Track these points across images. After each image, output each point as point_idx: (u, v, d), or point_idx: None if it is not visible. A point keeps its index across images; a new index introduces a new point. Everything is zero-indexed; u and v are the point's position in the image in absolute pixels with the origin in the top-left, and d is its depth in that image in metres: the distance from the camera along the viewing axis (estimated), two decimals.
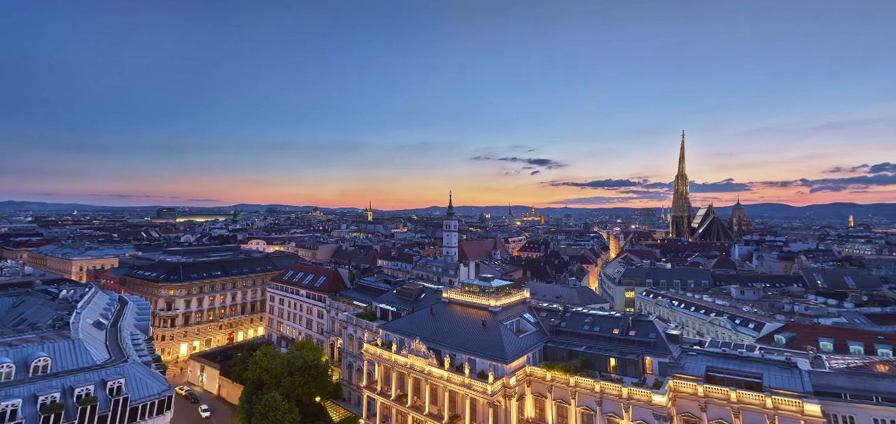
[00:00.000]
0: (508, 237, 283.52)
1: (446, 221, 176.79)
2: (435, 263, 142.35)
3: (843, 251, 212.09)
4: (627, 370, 49.44)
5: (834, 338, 63.76)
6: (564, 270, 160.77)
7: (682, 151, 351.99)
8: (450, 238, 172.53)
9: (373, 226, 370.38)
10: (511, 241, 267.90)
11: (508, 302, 62.06)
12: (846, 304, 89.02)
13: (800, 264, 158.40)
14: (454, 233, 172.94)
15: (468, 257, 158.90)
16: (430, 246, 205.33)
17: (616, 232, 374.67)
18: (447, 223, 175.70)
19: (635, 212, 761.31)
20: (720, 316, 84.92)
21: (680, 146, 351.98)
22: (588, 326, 58.46)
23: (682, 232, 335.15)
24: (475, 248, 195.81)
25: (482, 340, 54.49)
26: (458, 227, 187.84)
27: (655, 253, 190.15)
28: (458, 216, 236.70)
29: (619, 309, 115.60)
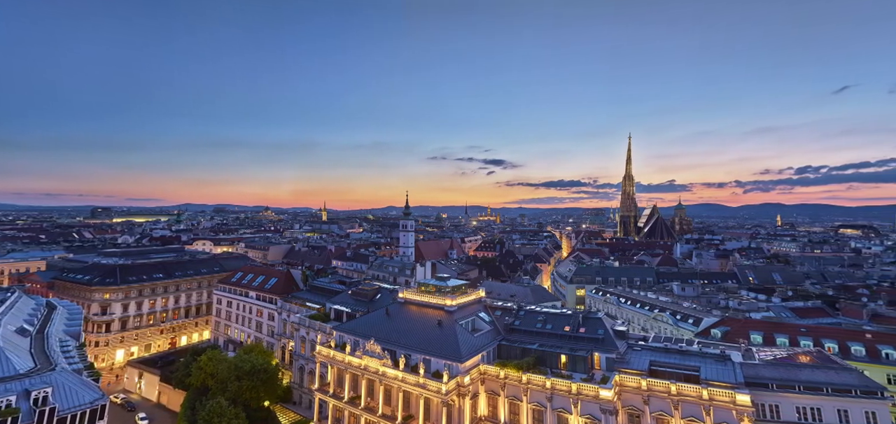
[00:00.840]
0: (465, 237, 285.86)
1: (403, 221, 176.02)
2: (391, 263, 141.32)
3: (772, 249, 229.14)
4: (577, 366, 51.08)
5: (763, 332, 68.33)
6: (519, 269, 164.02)
7: (629, 153, 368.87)
8: (406, 238, 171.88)
9: (327, 227, 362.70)
10: (467, 241, 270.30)
11: (464, 301, 62.55)
12: (774, 299, 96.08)
13: (734, 261, 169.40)
14: (411, 233, 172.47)
15: (425, 257, 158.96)
16: (387, 247, 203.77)
17: (568, 231, 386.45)
18: (404, 223, 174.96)
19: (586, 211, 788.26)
20: (663, 312, 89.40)
21: (627, 148, 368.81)
22: (541, 324, 59.82)
23: (629, 232, 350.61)
24: (432, 248, 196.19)
25: (437, 340, 54.66)
26: (415, 227, 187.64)
27: (604, 252, 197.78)
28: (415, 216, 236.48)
29: (571, 306, 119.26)
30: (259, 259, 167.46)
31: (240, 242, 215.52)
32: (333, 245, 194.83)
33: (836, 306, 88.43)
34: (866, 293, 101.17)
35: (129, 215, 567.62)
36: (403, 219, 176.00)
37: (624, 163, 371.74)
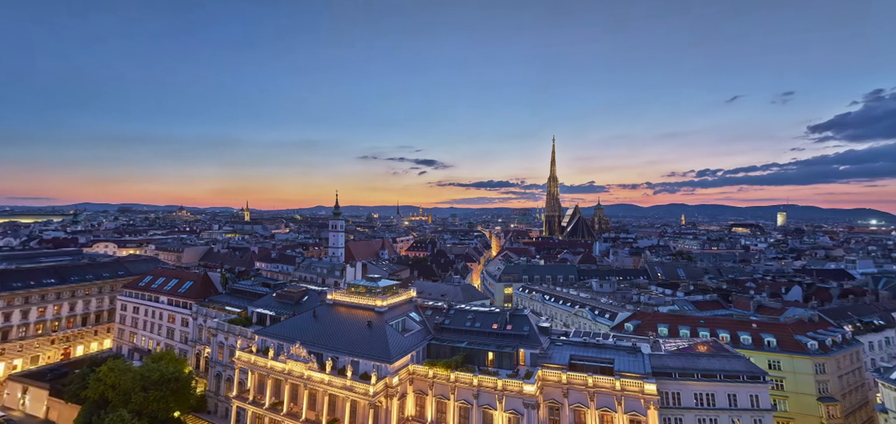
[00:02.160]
0: (396, 237, 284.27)
1: (332, 221, 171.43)
2: (320, 264, 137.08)
3: (677, 246, 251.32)
4: (503, 362, 52.72)
5: (668, 324, 74.13)
6: (450, 269, 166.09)
7: (553, 155, 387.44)
8: (336, 238, 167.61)
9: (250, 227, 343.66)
10: (399, 241, 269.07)
11: (395, 301, 62.28)
12: (678, 293, 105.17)
13: (645, 259, 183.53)
14: (340, 234, 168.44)
15: (355, 257, 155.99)
16: (315, 247, 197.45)
17: (497, 231, 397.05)
18: (333, 223, 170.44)
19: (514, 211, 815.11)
20: (583, 308, 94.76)
21: (551, 150, 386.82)
22: (470, 323, 61.04)
23: (553, 231, 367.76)
24: (362, 248, 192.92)
25: (367, 341, 53.96)
26: (345, 227, 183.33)
27: (531, 251, 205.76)
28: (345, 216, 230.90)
29: (499, 304, 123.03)
30: (172, 261, 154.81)
31: (149, 244, 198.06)
32: (257, 246, 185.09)
33: (729, 299, 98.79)
34: (753, 286, 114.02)
35: (13, 215, 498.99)
36: (333, 219, 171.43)
37: (549, 164, 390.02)
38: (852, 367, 67.05)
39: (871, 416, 64.40)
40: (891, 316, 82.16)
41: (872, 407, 60.53)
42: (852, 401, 65.02)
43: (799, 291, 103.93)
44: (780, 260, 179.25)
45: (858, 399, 66.03)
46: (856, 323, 76.48)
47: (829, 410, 60.77)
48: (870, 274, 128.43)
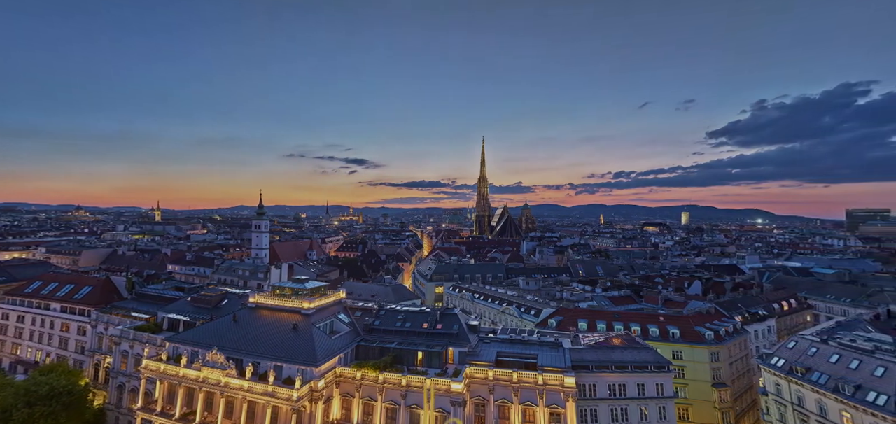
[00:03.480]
0: (325, 237, 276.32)
1: (256, 221, 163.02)
2: (241, 266, 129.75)
3: (596, 245, 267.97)
4: (433, 362, 53.14)
5: (587, 319, 77.92)
6: (381, 269, 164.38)
7: (483, 156, 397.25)
8: (260, 239, 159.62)
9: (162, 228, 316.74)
10: (328, 241, 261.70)
11: (323, 303, 60.68)
12: (597, 289, 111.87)
13: (568, 257, 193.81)
14: (265, 234, 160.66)
15: (281, 259, 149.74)
16: (237, 249, 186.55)
17: (429, 230, 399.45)
18: (257, 223, 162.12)
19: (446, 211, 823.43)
20: (510, 306, 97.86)
21: (481, 151, 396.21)
22: (400, 322, 60.94)
23: (483, 230, 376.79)
24: (289, 249, 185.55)
25: (292, 345, 52.01)
26: (270, 227, 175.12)
27: (462, 251, 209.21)
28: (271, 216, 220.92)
29: (430, 304, 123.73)
30: (67, 265, 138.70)
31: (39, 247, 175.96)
32: (170, 248, 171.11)
33: (640, 294, 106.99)
34: (661, 281, 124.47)
35: None
36: (257, 219, 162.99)
37: (479, 165, 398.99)
38: (741, 354, 75.06)
39: (754, 399, 72.43)
40: (772, 306, 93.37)
41: (756, 391, 68.29)
42: (740, 385, 72.70)
43: (699, 285, 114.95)
44: (684, 257, 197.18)
45: (745, 384, 73.95)
46: (744, 313, 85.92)
47: (721, 394, 67.73)
48: (756, 269, 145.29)
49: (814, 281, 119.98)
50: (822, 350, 56.89)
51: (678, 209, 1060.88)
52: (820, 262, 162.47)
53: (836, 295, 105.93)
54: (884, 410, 45.64)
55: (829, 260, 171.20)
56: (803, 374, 55.21)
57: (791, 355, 59.39)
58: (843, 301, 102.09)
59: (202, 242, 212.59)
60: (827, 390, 51.66)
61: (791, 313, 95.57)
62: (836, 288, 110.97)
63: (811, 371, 54.93)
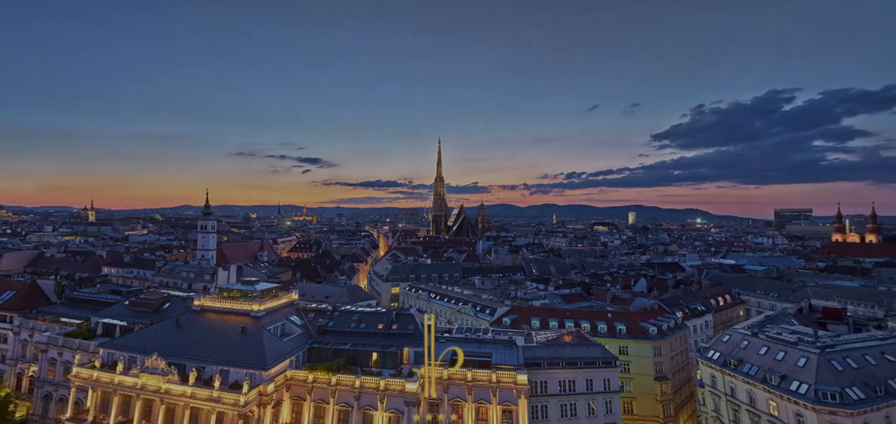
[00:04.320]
0: (277, 238, 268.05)
1: (202, 222, 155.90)
2: (186, 268, 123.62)
3: (549, 244, 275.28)
4: (387, 362, 52.78)
5: (540, 317, 79.43)
6: (336, 270, 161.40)
7: (440, 156, 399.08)
8: (206, 240, 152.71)
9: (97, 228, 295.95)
10: (280, 242, 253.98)
11: (274, 305, 58.99)
12: (549, 288, 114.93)
13: (522, 256, 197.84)
14: (212, 235, 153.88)
15: (229, 260, 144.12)
16: (181, 250, 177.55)
17: (385, 230, 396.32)
18: (203, 223, 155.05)
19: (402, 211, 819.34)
20: (466, 305, 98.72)
21: (437, 151, 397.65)
22: (355, 324, 60.20)
23: (440, 230, 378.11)
24: (238, 250, 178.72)
25: (240, 348, 50.16)
26: (218, 228, 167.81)
27: (418, 251, 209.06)
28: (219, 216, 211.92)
29: (386, 304, 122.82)
30: None
31: None
32: (105, 250, 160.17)
33: (590, 291, 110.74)
34: (610, 279, 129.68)
35: None
36: (203, 219, 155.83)
37: (436, 165, 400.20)
38: (681, 349, 79.22)
39: (693, 391, 76.65)
40: (710, 302, 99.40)
41: (694, 383, 72.33)
42: (680, 378, 76.67)
43: (644, 283, 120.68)
44: (631, 256, 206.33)
45: (684, 377, 78.12)
46: (685, 309, 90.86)
47: (662, 388, 71.27)
48: (696, 267, 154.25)
49: (746, 278, 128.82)
50: (753, 343, 60.78)
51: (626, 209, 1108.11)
52: (751, 260, 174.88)
53: (766, 290, 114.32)
54: (804, 398, 49.49)
55: (760, 258, 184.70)
56: (736, 366, 58.88)
57: (725, 348, 63.25)
58: (771, 296, 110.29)
59: (142, 243, 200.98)
60: (756, 381, 55.22)
61: (726, 308, 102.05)
62: (766, 284, 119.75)
63: (743, 363, 58.62)
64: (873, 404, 48.24)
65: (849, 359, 52.82)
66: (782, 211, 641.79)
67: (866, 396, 48.69)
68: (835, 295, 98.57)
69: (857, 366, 52.17)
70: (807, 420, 49.26)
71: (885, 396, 49.30)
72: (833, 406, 47.93)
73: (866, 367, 52.30)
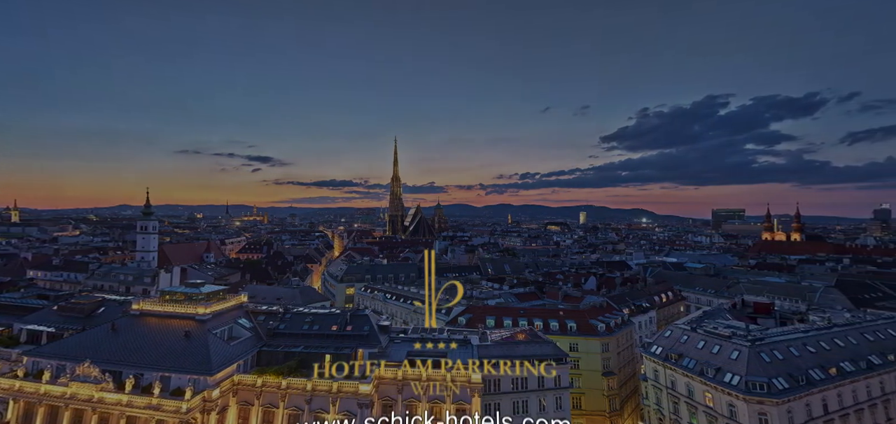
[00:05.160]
0: (225, 238, 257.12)
1: (142, 222, 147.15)
2: (123, 271, 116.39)
3: (505, 243, 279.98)
4: (341, 364, 51.94)
5: (495, 316, 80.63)
6: (288, 271, 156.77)
7: (396, 155, 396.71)
8: (146, 241, 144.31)
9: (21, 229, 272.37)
10: (229, 243, 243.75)
11: (221, 308, 56.74)
12: (504, 287, 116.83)
13: (478, 255, 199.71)
14: (153, 236, 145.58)
15: (172, 262, 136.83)
16: (117, 252, 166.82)
17: (340, 231, 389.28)
18: (143, 224, 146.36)
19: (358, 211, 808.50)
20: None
21: (394, 150, 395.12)
22: (308, 326, 58.99)
23: (397, 230, 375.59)
24: (182, 252, 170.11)
25: (183, 353, 47.84)
26: (160, 228, 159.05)
27: (374, 251, 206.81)
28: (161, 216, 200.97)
29: (340, 305, 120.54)
30: None
31: None
32: (31, 252, 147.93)
33: (543, 290, 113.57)
34: (561, 278, 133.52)
35: None
36: (143, 220, 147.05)
37: (392, 164, 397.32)
38: (627, 344, 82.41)
39: (637, 385, 79.99)
40: (653, 299, 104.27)
41: (638, 377, 75.71)
42: (626, 373, 79.77)
43: (594, 281, 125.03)
44: (582, 254, 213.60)
45: (630, 372, 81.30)
46: (631, 306, 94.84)
47: (609, 383, 74.09)
48: (641, 265, 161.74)
49: (686, 275, 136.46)
50: (692, 338, 63.99)
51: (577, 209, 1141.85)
52: (691, 258, 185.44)
53: (704, 287, 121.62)
54: (736, 389, 52.78)
55: (699, 256, 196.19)
56: (676, 360, 61.91)
57: (667, 343, 66.41)
58: (708, 292, 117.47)
59: (73, 245, 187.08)
60: (694, 374, 58.27)
61: (668, 304, 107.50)
62: (704, 280, 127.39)
63: (683, 357, 61.64)
64: (796, 393, 52.00)
65: (776, 351, 56.54)
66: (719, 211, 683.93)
67: (790, 386, 52.41)
68: (764, 291, 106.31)
69: (783, 358, 55.93)
70: (738, 409, 52.58)
71: (806, 385, 53.27)
72: (761, 395, 51.27)
73: (791, 358, 56.16)
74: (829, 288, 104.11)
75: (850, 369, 57.00)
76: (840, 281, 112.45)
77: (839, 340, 61.24)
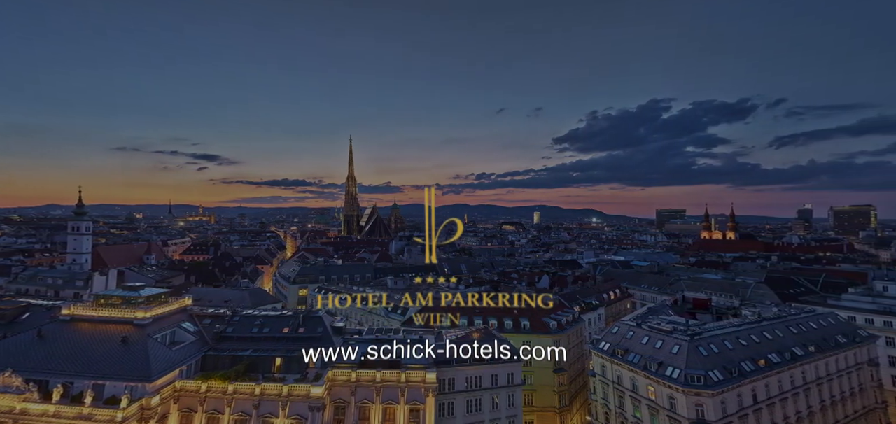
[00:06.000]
0: (169, 239, 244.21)
1: (73, 222, 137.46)
2: (52, 274, 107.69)
3: (461, 243, 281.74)
4: (292, 367, 50.48)
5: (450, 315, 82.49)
6: (237, 272, 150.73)
7: (351, 155, 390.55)
8: (79, 242, 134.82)
9: None
10: (172, 244, 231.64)
11: (162, 311, 53.72)
12: (461, 286, 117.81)
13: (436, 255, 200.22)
14: (86, 237, 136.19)
15: (108, 265, 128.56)
16: (46, 254, 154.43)
17: (293, 231, 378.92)
18: (75, 224, 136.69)
19: (312, 211, 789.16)
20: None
21: (349, 150, 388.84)
22: (257, 328, 57.02)
23: (352, 230, 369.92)
24: (119, 254, 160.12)
25: (119, 360, 45.00)
26: (95, 229, 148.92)
27: (329, 251, 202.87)
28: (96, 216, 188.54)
29: (293, 307, 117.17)
30: None
31: None
32: None
33: (498, 289, 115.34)
34: (516, 276, 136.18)
35: None
36: (75, 220, 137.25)
37: (347, 163, 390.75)
38: (577, 341, 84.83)
39: (586, 380, 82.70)
40: (602, 296, 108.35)
41: (587, 373, 78.29)
42: (576, 369, 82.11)
43: (547, 280, 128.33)
44: (535, 254, 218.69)
45: (580, 367, 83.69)
46: (581, 303, 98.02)
47: (560, 379, 76.12)
48: (591, 263, 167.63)
49: (633, 273, 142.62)
50: (637, 333, 66.54)
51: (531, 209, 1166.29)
52: (637, 256, 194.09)
53: (648, 284, 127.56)
54: (676, 382, 55.63)
55: (644, 254, 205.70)
56: (622, 355, 64.32)
57: (614, 339, 68.96)
58: (653, 289, 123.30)
59: None
60: (639, 368, 60.75)
61: (616, 301, 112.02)
62: (649, 278, 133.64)
63: (629, 352, 64.09)
64: (729, 384, 55.41)
65: (712, 345, 59.77)
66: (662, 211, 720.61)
67: (724, 378, 55.72)
68: (702, 288, 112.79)
69: (719, 351, 59.26)
70: (677, 401, 55.45)
71: (739, 377, 56.86)
72: (698, 387, 54.25)
73: (725, 351, 59.67)
74: (760, 284, 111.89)
75: (776, 360, 61.41)
76: (769, 277, 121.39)
77: (767, 333, 65.85)
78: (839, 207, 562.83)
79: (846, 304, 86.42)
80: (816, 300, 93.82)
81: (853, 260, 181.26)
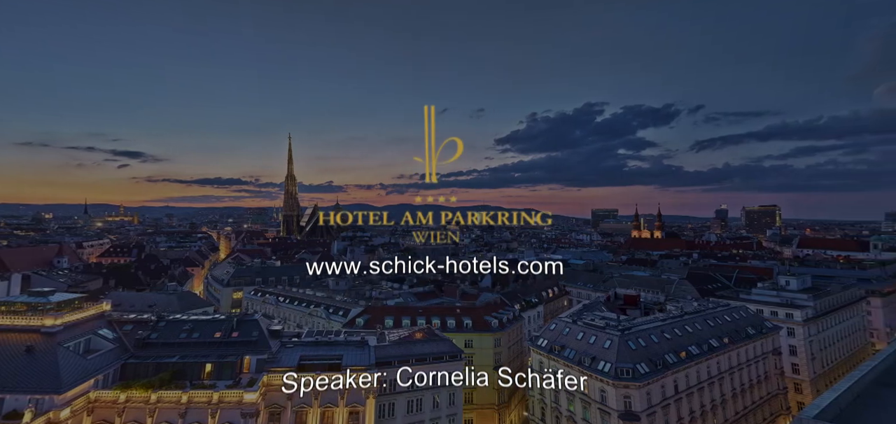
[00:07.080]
0: (84, 241, 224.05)
1: None
2: None
3: (405, 243, 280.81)
4: (224, 373, 48.12)
5: (394, 316, 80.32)
6: (164, 276, 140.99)
7: (290, 153, 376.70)
8: None
9: None
10: (88, 246, 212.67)
11: (76, 318, 49.42)
12: (404, 286, 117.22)
13: (379, 255, 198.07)
14: None
15: (10, 269, 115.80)
16: None
17: (227, 232, 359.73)
18: None
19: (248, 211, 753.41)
20: (318, 307, 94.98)
21: (288, 148, 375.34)
22: (186, 334, 53.82)
23: (292, 231, 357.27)
24: (25, 257, 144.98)
25: (22, 371, 40.75)
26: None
27: (267, 252, 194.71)
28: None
29: (226, 311, 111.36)
30: None
31: None
32: None
33: (442, 288, 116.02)
34: (459, 276, 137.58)
35: None
36: None
37: (286, 162, 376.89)
38: (517, 338, 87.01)
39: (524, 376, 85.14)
40: (541, 294, 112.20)
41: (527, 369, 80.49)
42: (515, 366, 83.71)
43: (489, 279, 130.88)
44: (479, 253, 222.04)
45: (519, 364, 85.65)
46: (522, 302, 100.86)
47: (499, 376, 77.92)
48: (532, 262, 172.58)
49: (570, 271, 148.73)
50: (573, 329, 69.36)
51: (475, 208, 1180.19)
52: (574, 255, 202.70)
53: (584, 282, 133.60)
54: (607, 375, 58.50)
55: (580, 253, 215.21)
56: (559, 351, 66.70)
57: (551, 336, 71.48)
58: (588, 287, 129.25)
59: None
60: (574, 363, 63.24)
61: (554, 299, 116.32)
62: (584, 276, 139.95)
63: (565, 348, 66.59)
64: (654, 376, 59.14)
65: (640, 339, 63.53)
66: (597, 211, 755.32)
67: (650, 370, 59.36)
68: (632, 284, 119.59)
69: (646, 345, 63.04)
70: (608, 394, 58.43)
71: (663, 369, 60.82)
72: (626, 380, 57.43)
73: (651, 345, 63.55)
74: (682, 281, 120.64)
75: (696, 352, 66.32)
76: (690, 273, 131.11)
77: (689, 326, 71.04)
78: (750, 207, 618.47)
79: (755, 298, 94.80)
80: (731, 294, 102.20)
81: (762, 257, 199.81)
